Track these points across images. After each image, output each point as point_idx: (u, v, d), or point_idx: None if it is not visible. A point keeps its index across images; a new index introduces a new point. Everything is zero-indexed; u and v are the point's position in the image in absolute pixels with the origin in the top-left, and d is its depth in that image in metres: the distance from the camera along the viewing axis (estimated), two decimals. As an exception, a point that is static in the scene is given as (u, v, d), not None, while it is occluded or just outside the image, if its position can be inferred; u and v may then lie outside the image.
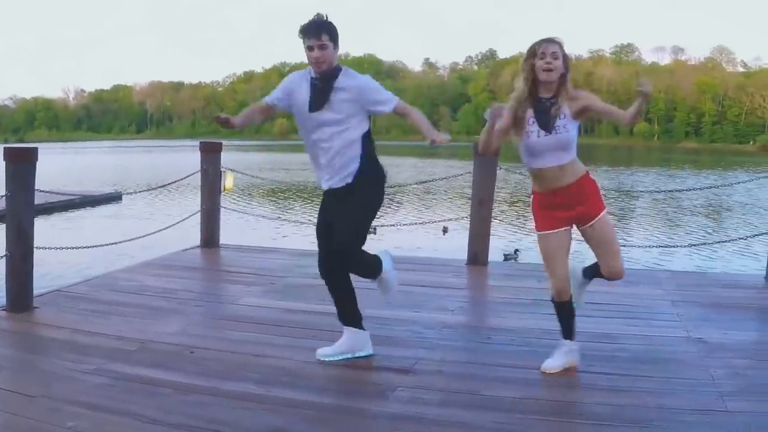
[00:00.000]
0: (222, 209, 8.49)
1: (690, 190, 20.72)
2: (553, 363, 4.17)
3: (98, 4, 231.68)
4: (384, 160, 4.43)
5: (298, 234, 13.08)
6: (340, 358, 4.32)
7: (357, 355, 4.35)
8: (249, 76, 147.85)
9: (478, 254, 7.41)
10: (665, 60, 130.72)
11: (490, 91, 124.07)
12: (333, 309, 5.12)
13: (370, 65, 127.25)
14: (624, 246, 12.74)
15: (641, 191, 25.00)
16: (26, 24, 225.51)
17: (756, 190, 24.85)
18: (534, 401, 3.78)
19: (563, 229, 4.04)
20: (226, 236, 8.68)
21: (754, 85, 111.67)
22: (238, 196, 21.38)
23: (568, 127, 3.94)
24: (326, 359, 4.31)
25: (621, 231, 16.10)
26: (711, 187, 21.12)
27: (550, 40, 3.95)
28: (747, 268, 10.07)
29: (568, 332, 4.22)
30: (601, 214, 3.99)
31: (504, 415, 3.57)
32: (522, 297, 6.00)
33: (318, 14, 4.14)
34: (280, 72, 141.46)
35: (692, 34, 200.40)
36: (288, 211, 19.20)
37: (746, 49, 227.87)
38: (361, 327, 4.40)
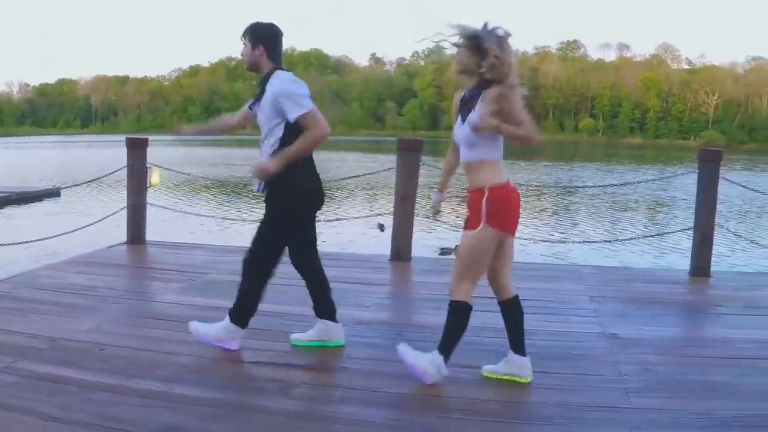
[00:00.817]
0: (149, 205, 8.38)
1: (625, 184, 21.06)
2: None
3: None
4: (328, 155, 4.43)
5: (226, 230, 12.99)
6: (312, 344, 4.50)
7: (328, 343, 4.52)
8: (195, 71, 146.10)
9: (401, 250, 7.43)
10: (611, 57, 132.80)
11: (437, 87, 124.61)
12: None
13: (316, 60, 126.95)
14: (547, 241, 13.10)
15: (577, 186, 25.34)
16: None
17: (691, 185, 25.24)
18: (434, 398, 3.80)
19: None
20: (154, 233, 8.57)
21: (698, 82, 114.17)
22: (170, 192, 21.12)
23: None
24: (299, 344, 4.50)
25: (552, 226, 16.31)
26: (642, 182, 21.41)
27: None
28: (675, 263, 10.26)
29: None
30: (466, 231, 3.90)
31: (401, 413, 3.59)
32: (442, 293, 5.93)
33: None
34: (226, 67, 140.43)
35: (638, 31, 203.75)
36: (218, 207, 19.03)
37: (691, 47, 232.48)
38: (334, 319, 4.54)
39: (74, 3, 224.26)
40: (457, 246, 11.70)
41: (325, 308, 4.54)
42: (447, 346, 3.92)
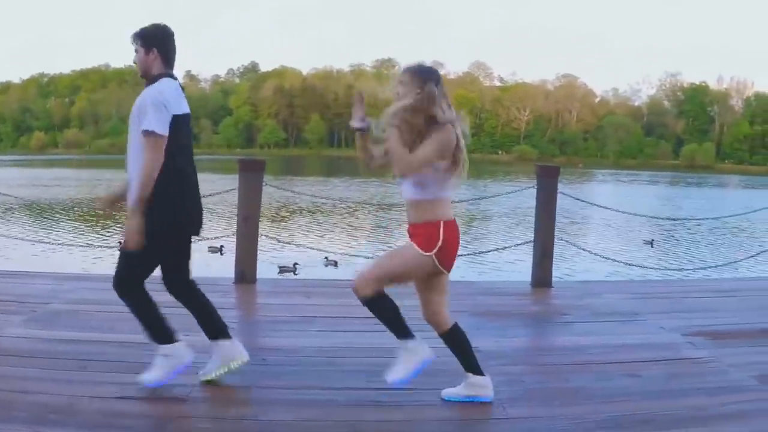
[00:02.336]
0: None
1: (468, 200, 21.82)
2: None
3: None
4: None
5: (62, 256, 12.32)
6: (220, 372, 4.19)
7: (233, 366, 4.22)
8: (5, 87, 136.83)
9: (245, 272, 7.27)
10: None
11: (252, 104, 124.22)
12: (102, 337, 4.86)
13: (131, 77, 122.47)
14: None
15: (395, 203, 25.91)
16: None
17: (514, 200, 26.64)
18: (311, 423, 3.73)
19: None
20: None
21: (510, 99, 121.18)
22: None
23: None
24: (206, 378, 4.18)
25: (375, 245, 16.63)
26: (484, 198, 22.36)
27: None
28: (514, 275, 10.71)
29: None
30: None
31: None
32: (291, 314, 5.93)
33: None
34: (38, 83, 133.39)
35: (451, 49, 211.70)
36: (43, 231, 18.06)
37: (503, 65, 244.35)
38: (228, 337, 4.26)
39: None
40: (295, 264, 11.61)
41: (216, 328, 4.30)
42: (398, 329, 3.98)
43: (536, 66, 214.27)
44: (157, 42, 4.01)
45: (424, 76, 3.77)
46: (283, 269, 11.11)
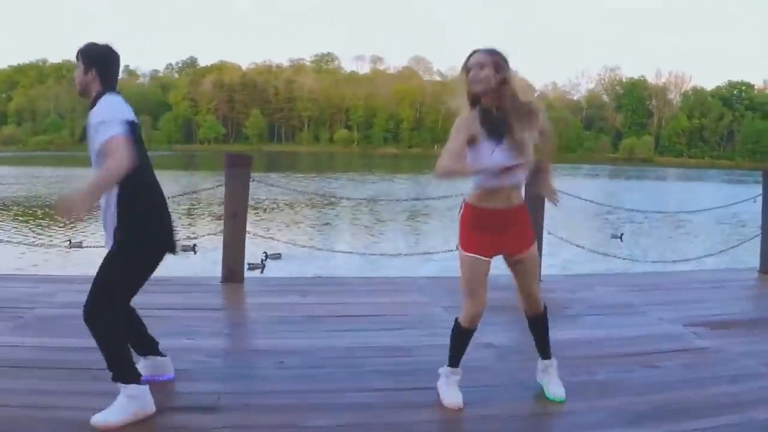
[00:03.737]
0: None
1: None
2: (454, 398, 3.98)
3: None
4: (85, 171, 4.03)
5: (32, 255, 12.05)
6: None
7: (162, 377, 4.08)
8: None
9: (234, 271, 7.20)
10: (365, 69, 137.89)
11: (191, 100, 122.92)
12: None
13: (69, 72, 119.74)
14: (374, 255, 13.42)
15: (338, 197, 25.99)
16: None
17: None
18: (358, 427, 3.69)
19: (493, 254, 3.90)
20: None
21: (450, 93, 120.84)
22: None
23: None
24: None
25: (325, 238, 16.67)
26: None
27: (477, 51, 3.79)
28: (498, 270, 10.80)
29: (458, 360, 4.09)
30: (534, 245, 3.93)
31: None
32: (294, 314, 5.89)
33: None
34: None
35: (391, 44, 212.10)
36: (23, 232, 17.70)
37: (442, 59, 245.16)
38: (160, 353, 4.15)
39: None
40: (265, 258, 11.57)
41: (148, 344, 4.18)
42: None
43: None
44: (98, 62, 3.85)
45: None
46: (252, 266, 11.04)
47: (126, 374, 3.75)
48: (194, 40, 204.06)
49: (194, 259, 15.31)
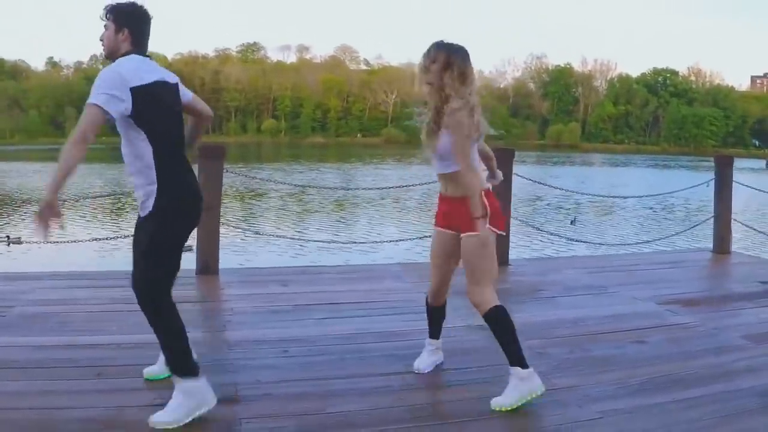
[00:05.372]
0: None
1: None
2: (424, 362, 4.37)
3: None
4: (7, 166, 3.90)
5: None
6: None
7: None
8: None
9: (209, 263, 7.27)
10: (291, 58, 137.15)
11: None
12: (95, 340, 4.78)
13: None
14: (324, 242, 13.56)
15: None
16: None
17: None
18: (383, 410, 3.82)
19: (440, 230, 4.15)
20: None
21: (377, 82, 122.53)
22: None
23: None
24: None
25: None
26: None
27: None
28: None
29: (436, 333, 4.43)
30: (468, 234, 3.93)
31: (367, 430, 3.57)
32: (283, 303, 5.99)
33: None
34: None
35: (316, 33, 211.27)
36: None
37: (369, 48, 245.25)
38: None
39: None
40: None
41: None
42: (513, 354, 3.90)
43: (403, 49, 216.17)
44: (131, 21, 3.65)
45: None
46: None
47: (181, 368, 3.64)
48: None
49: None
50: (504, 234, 4.17)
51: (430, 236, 4.28)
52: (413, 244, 14.50)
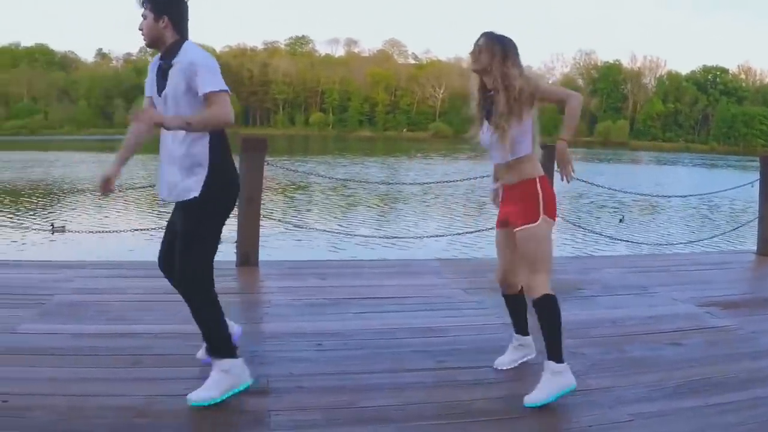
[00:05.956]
0: None
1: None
2: (503, 359, 4.38)
3: None
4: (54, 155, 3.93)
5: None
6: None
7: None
8: None
9: (249, 255, 7.31)
10: (339, 52, 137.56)
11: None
12: (133, 329, 4.86)
13: (42, 56, 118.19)
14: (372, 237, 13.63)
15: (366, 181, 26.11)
16: None
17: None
18: (417, 405, 3.82)
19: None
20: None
21: (425, 76, 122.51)
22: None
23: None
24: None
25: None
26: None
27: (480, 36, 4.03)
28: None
29: (519, 326, 4.42)
30: (524, 226, 3.93)
31: (398, 426, 3.58)
32: (317, 297, 6.01)
33: None
34: None
35: (365, 27, 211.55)
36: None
37: (417, 43, 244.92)
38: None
39: None
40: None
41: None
42: (553, 346, 3.91)
43: (451, 44, 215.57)
44: (169, 8, 3.69)
45: None
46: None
47: (219, 348, 3.78)
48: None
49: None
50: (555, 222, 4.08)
51: (470, 232, 4.27)
52: (453, 239, 14.51)
